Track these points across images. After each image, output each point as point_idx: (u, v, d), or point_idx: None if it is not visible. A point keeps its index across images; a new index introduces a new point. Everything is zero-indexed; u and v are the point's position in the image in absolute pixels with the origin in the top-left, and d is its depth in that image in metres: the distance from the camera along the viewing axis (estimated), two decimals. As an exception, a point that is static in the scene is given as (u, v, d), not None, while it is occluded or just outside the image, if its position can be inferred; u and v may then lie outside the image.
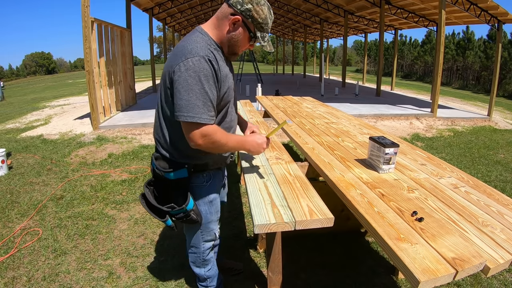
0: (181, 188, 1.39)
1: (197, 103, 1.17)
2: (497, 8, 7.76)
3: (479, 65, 23.65)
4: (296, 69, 29.54)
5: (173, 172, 1.36)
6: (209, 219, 1.54)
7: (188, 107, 1.17)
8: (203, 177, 1.45)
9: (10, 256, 2.34)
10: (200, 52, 1.19)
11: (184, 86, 1.17)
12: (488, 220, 1.21)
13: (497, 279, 2.14)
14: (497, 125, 7.81)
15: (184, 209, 1.36)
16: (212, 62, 1.20)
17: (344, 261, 2.30)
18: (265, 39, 1.30)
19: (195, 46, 1.21)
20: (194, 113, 1.17)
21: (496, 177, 4.12)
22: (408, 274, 0.95)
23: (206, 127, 1.20)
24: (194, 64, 1.17)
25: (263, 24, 1.27)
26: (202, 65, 1.17)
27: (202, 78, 1.17)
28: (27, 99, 14.40)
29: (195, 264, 1.69)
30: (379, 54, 11.52)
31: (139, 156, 4.77)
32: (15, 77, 57.33)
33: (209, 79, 1.19)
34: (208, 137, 1.22)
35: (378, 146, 1.67)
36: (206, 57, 1.19)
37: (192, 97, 1.16)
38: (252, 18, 1.24)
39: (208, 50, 1.22)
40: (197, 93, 1.17)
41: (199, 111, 1.17)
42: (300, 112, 3.45)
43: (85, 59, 6.12)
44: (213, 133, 1.23)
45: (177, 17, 15.65)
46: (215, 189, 1.52)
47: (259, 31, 1.28)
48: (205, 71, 1.18)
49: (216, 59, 1.23)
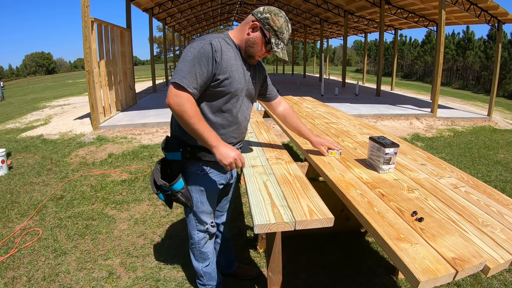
0: (175, 169, 1.51)
1: (184, 69, 1.30)
2: (497, 8, 7.76)
3: (479, 65, 23.65)
4: (296, 69, 29.54)
5: (170, 153, 1.51)
6: (200, 208, 1.59)
7: (176, 72, 1.32)
8: (198, 166, 1.52)
9: (10, 256, 2.34)
10: (207, 38, 1.35)
11: (182, 58, 1.34)
12: (488, 220, 1.21)
13: (497, 279, 2.14)
14: (497, 125, 7.81)
15: (171, 187, 1.47)
16: (214, 46, 1.32)
17: (344, 261, 2.30)
18: (279, 46, 1.43)
19: (208, 36, 1.38)
20: (177, 76, 1.30)
21: (496, 177, 4.12)
22: (408, 274, 0.95)
23: (181, 90, 1.30)
24: (197, 44, 1.34)
25: (278, 32, 1.41)
26: (203, 45, 1.32)
27: (197, 55, 1.31)
28: (27, 99, 14.40)
29: (194, 256, 1.74)
30: (379, 54, 11.52)
31: (139, 156, 4.77)
32: (15, 77, 57.31)
33: (204, 57, 1.31)
34: (178, 99, 1.29)
35: (378, 146, 1.67)
36: (209, 41, 1.33)
37: (183, 66, 1.31)
38: (269, 26, 1.40)
39: (217, 39, 1.36)
40: (187, 64, 1.31)
41: (183, 76, 1.29)
42: (300, 112, 3.45)
43: (85, 59, 6.12)
44: (185, 99, 1.30)
45: (177, 17, 15.65)
46: (210, 182, 1.56)
47: (274, 38, 1.42)
48: (202, 50, 1.31)
49: (221, 48, 1.35)
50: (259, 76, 1.63)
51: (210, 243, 1.74)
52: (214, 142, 1.34)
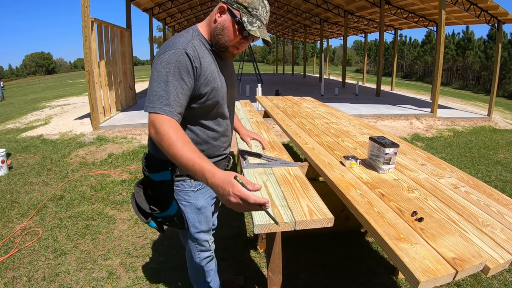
0: (165, 191, 1.31)
1: (162, 94, 1.08)
2: (497, 8, 7.76)
3: (479, 65, 23.66)
4: (296, 69, 29.55)
5: (157, 174, 1.30)
6: (198, 228, 1.43)
7: (153, 98, 1.08)
8: (190, 182, 1.34)
9: (10, 256, 2.34)
10: (179, 46, 1.13)
11: (154, 77, 1.11)
12: (488, 220, 1.21)
13: (497, 279, 2.14)
14: (497, 125, 7.81)
15: (163, 213, 1.30)
16: (190, 56, 1.12)
17: (344, 261, 2.30)
18: (254, 25, 1.16)
19: (178, 40, 1.15)
20: (157, 104, 1.07)
21: (496, 177, 4.12)
22: (408, 274, 0.95)
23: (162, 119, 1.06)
24: (170, 56, 1.11)
25: (250, 8, 1.15)
26: (177, 57, 1.11)
27: (173, 70, 1.10)
28: (27, 99, 14.40)
29: (194, 276, 1.63)
30: (379, 54, 11.52)
31: (139, 156, 4.77)
32: (15, 77, 57.34)
33: (181, 72, 1.11)
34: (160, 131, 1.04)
35: (378, 146, 1.67)
36: (184, 50, 1.12)
37: (158, 89, 1.09)
38: (238, 3, 1.15)
39: (191, 44, 1.15)
40: (164, 85, 1.09)
41: (162, 102, 1.07)
42: (300, 112, 3.45)
43: (85, 59, 6.12)
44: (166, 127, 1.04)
45: (177, 17, 15.65)
46: (205, 197, 1.39)
47: (246, 16, 1.15)
48: (178, 64, 1.10)
49: (198, 54, 1.15)
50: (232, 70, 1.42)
51: (213, 261, 1.63)
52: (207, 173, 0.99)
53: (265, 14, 1.19)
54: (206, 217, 1.42)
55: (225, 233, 2.62)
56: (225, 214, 2.90)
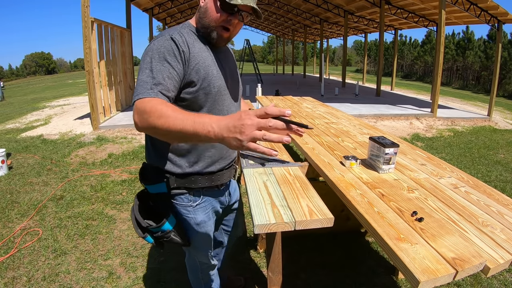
0: (161, 205, 1.24)
1: (147, 80, 0.98)
2: (497, 8, 7.76)
3: (479, 65, 23.66)
4: (296, 69, 29.55)
5: (152, 186, 1.22)
6: (198, 244, 1.36)
7: (139, 87, 0.98)
8: (188, 196, 1.25)
9: (10, 256, 2.34)
10: (165, 34, 1.08)
11: (141, 66, 1.03)
12: (488, 220, 1.21)
13: (497, 279, 2.14)
14: (497, 125, 7.81)
15: (159, 228, 1.21)
16: (175, 40, 1.05)
17: (344, 261, 2.30)
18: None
19: (166, 31, 1.11)
20: (141, 91, 0.96)
21: (496, 177, 4.12)
22: (408, 274, 0.95)
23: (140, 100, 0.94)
24: (155, 44, 1.05)
25: None
26: (162, 43, 1.04)
27: (157, 55, 1.02)
28: (27, 99, 14.40)
29: (195, 280, 1.59)
30: (379, 54, 11.52)
31: (139, 156, 4.77)
32: (15, 77, 57.34)
33: (166, 55, 1.02)
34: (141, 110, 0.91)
35: (378, 146, 1.67)
36: (170, 36, 1.06)
37: (144, 76, 1.00)
38: None
39: (177, 32, 1.10)
40: (150, 71, 1.00)
41: (147, 87, 0.97)
42: (300, 112, 3.45)
43: (85, 59, 6.12)
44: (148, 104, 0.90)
45: (177, 17, 15.65)
46: (205, 212, 1.30)
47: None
48: (163, 48, 1.03)
49: (186, 40, 1.08)
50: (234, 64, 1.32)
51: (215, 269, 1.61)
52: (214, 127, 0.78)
53: None
54: (206, 232, 1.35)
55: (225, 233, 2.62)
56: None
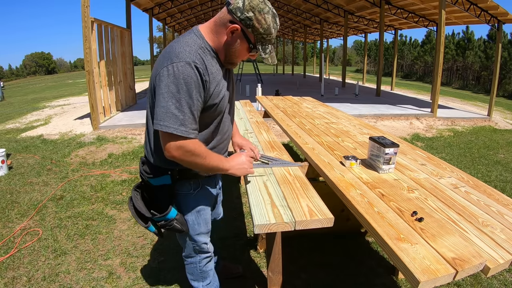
0: (165, 195, 1.33)
1: (175, 112, 1.07)
2: (497, 8, 7.76)
3: (479, 65, 23.65)
4: (296, 69, 29.54)
5: (157, 178, 1.31)
6: (197, 230, 1.45)
7: (165, 116, 1.07)
8: (190, 185, 1.37)
9: (10, 256, 2.34)
10: (187, 58, 1.09)
11: (165, 93, 1.08)
12: (488, 220, 1.21)
13: (497, 279, 2.14)
14: (497, 125, 7.81)
15: (164, 217, 1.30)
16: (199, 69, 1.10)
17: (344, 261, 2.30)
18: (266, 51, 1.18)
19: (184, 49, 1.11)
20: (171, 123, 1.07)
21: (496, 177, 4.12)
22: (408, 274, 0.95)
23: (183, 140, 1.11)
24: (179, 69, 1.07)
25: (265, 34, 1.14)
26: (187, 71, 1.07)
27: (185, 87, 1.07)
28: (27, 99, 14.40)
29: (193, 276, 1.62)
30: (379, 54, 11.52)
31: (139, 156, 4.77)
32: (15, 77, 57.28)
33: (193, 88, 1.08)
34: (184, 150, 1.13)
35: (378, 146, 1.67)
36: (193, 63, 1.09)
37: (171, 106, 1.07)
38: (253, 28, 1.12)
39: (198, 55, 1.12)
40: (177, 102, 1.07)
41: (176, 122, 1.08)
42: (300, 112, 3.45)
43: (85, 59, 6.12)
44: (191, 147, 1.13)
45: (177, 17, 15.65)
46: (204, 199, 1.43)
47: (260, 43, 1.16)
48: (189, 79, 1.07)
49: (206, 66, 1.13)
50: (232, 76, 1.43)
51: (212, 261, 1.64)
52: (226, 165, 1.28)
53: (276, 33, 1.18)
54: (205, 219, 1.46)
55: (225, 233, 2.62)
56: (225, 214, 2.89)
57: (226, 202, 3.03)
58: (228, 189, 3.49)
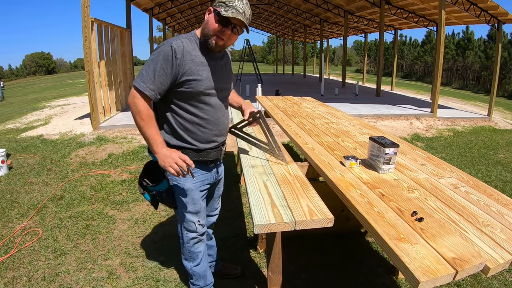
0: (158, 170, 1.49)
1: (143, 73, 1.36)
2: (497, 8, 7.76)
3: (479, 65, 23.65)
4: (296, 69, 29.54)
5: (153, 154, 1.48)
6: (186, 208, 1.59)
7: (138, 76, 1.38)
8: None
9: (10, 256, 2.34)
10: (170, 41, 1.38)
11: (149, 60, 1.39)
12: (488, 220, 1.21)
13: (497, 279, 2.14)
14: (497, 125, 7.81)
15: (155, 187, 1.50)
16: (173, 48, 1.35)
17: (344, 261, 2.30)
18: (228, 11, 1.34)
19: (173, 38, 1.40)
20: (138, 79, 1.37)
21: (496, 177, 4.12)
22: (408, 274, 0.95)
23: (138, 93, 1.36)
24: (160, 48, 1.37)
25: (227, 1, 1.36)
26: (165, 49, 1.35)
27: (156, 57, 1.35)
28: (27, 99, 14.40)
29: (183, 255, 1.74)
30: (379, 54, 11.53)
31: (139, 156, 4.77)
32: (15, 77, 57.25)
33: (162, 59, 1.35)
34: (135, 100, 1.36)
35: (378, 146, 1.67)
36: (172, 45, 1.36)
37: (143, 69, 1.37)
38: (219, 1, 1.37)
39: (179, 41, 1.39)
40: (147, 67, 1.36)
41: (141, 78, 1.36)
42: (300, 112, 3.45)
43: (85, 59, 6.12)
44: (140, 104, 1.36)
45: (177, 17, 15.66)
46: (194, 182, 1.56)
47: (223, 7, 1.36)
48: (162, 53, 1.35)
49: (184, 48, 1.38)
50: (228, 69, 1.60)
51: (201, 244, 1.72)
52: (157, 148, 1.39)
53: (241, 5, 1.38)
54: (193, 199, 1.58)
55: (225, 233, 2.62)
56: (225, 214, 2.90)
57: (226, 202, 3.04)
58: (228, 189, 3.49)
